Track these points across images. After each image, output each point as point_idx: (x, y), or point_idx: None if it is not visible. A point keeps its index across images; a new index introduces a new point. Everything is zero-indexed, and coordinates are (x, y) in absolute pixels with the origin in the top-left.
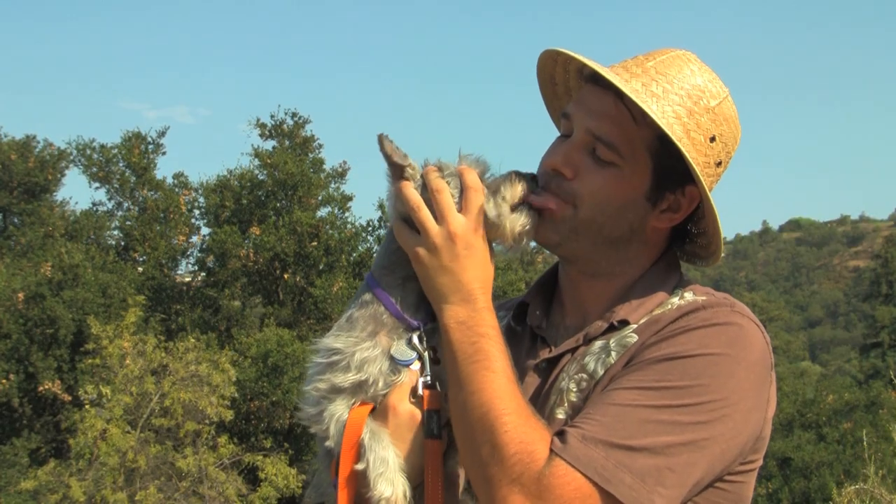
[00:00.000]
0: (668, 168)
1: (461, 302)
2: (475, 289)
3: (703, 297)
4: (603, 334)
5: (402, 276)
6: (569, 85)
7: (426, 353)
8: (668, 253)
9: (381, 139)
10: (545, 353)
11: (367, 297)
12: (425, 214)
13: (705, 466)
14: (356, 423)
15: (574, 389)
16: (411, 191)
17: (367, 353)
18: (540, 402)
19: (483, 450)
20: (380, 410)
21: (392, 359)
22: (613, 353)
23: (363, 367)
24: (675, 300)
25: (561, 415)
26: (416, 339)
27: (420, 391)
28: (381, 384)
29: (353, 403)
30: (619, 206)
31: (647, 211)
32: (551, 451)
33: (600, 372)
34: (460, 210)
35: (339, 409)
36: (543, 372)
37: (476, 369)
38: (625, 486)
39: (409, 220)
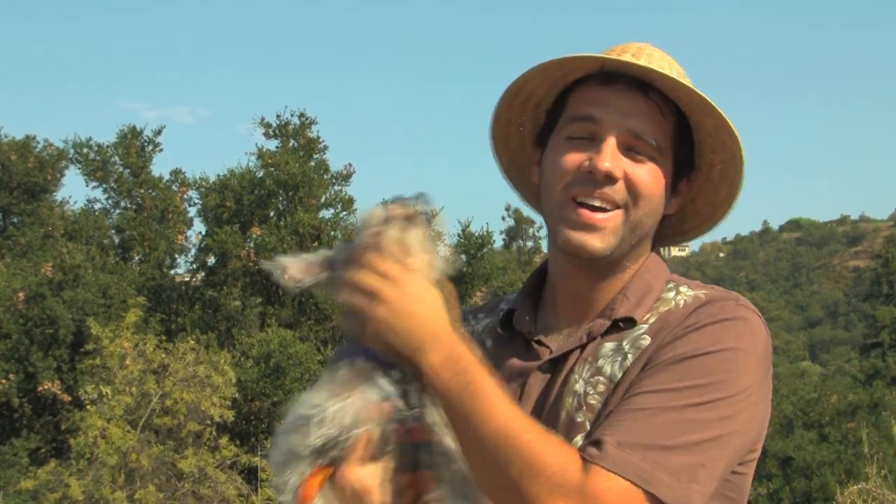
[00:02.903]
0: (681, 156)
1: (429, 343)
2: (431, 327)
3: (705, 292)
4: (608, 333)
5: None
6: (530, 103)
7: (411, 388)
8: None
9: (273, 268)
10: (546, 354)
11: (344, 351)
12: (363, 275)
13: (727, 460)
14: (310, 492)
15: (592, 392)
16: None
17: (340, 403)
18: (551, 403)
19: (512, 471)
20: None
21: (372, 397)
22: (630, 356)
23: (331, 421)
24: (677, 297)
25: (580, 418)
26: (396, 375)
27: (405, 425)
28: (341, 440)
29: (317, 466)
30: (659, 201)
31: (668, 201)
32: (585, 459)
33: (618, 374)
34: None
35: (299, 476)
36: (547, 373)
37: (475, 401)
38: (664, 485)
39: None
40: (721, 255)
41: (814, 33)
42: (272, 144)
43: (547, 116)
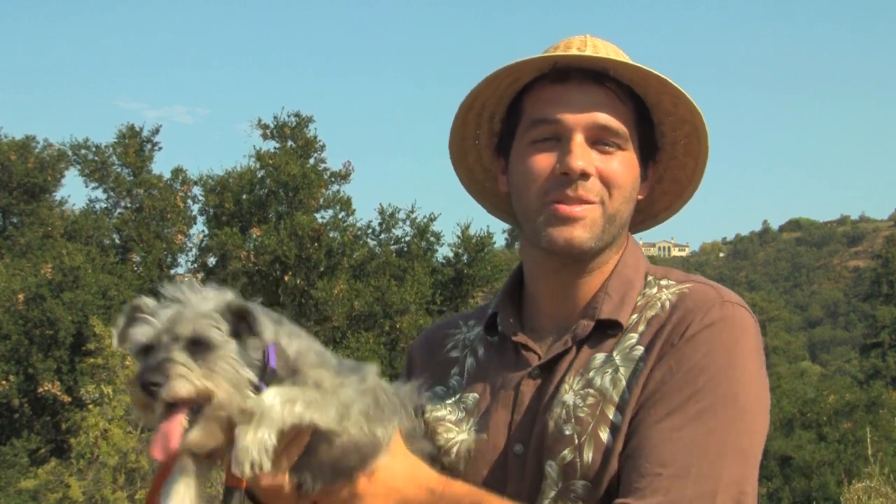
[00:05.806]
0: (645, 140)
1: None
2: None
3: (688, 286)
4: (593, 337)
5: None
6: (484, 115)
7: None
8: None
9: None
10: (535, 360)
11: None
12: None
13: (756, 469)
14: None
15: (581, 405)
16: None
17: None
18: (541, 412)
19: None
20: None
21: None
22: (622, 369)
23: None
24: (660, 296)
25: (568, 430)
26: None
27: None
28: None
29: None
30: (633, 189)
31: (640, 187)
32: None
33: (609, 388)
34: None
35: None
36: (538, 378)
37: None
38: None
39: None
40: (721, 255)
41: (815, 33)
42: (270, 146)
43: (503, 125)
